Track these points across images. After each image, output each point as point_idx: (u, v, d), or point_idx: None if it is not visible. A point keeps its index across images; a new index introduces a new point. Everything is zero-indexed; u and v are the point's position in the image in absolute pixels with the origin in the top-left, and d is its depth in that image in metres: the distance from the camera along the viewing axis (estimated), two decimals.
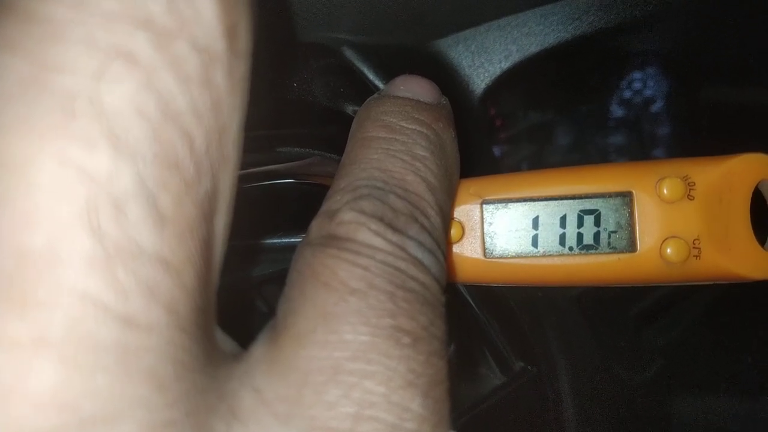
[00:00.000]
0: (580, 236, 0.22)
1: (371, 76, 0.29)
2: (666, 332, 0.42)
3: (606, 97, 0.45)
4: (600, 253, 0.22)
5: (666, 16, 0.33)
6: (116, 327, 0.11)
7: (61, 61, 0.11)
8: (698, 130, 0.44)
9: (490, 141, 0.42)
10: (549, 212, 0.22)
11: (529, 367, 0.32)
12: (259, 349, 0.14)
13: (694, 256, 0.21)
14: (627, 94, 0.45)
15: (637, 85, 0.45)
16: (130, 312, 0.11)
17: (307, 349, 0.14)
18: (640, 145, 0.46)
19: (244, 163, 0.15)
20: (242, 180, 0.23)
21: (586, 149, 0.46)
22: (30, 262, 0.10)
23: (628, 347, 0.38)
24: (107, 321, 0.11)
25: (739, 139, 0.23)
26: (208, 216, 0.13)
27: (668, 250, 0.21)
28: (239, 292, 0.26)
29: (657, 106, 0.45)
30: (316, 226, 0.16)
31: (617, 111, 0.45)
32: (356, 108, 0.27)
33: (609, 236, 0.22)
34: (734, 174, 0.21)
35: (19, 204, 0.10)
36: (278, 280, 0.16)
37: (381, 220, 0.16)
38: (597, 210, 0.22)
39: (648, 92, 0.45)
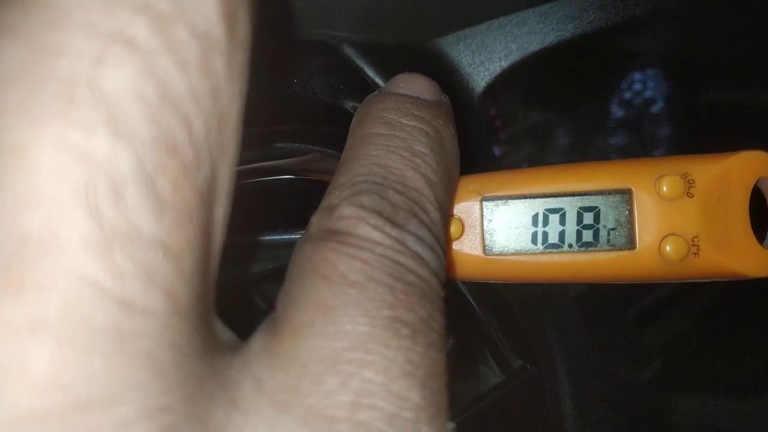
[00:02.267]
0: (579, 233, 0.22)
1: (371, 73, 0.29)
2: (665, 332, 0.42)
3: (606, 97, 0.45)
4: (599, 251, 0.22)
5: (665, 15, 0.33)
6: (113, 310, 0.11)
7: (60, 46, 0.11)
8: (698, 130, 0.44)
9: (489, 140, 0.42)
10: (548, 209, 0.22)
11: (528, 365, 0.32)
12: (258, 341, 0.14)
13: (693, 253, 0.21)
14: (627, 94, 0.45)
15: (637, 86, 0.45)
16: (127, 295, 0.11)
17: (306, 341, 0.14)
18: (640, 145, 0.46)
19: (244, 159, 0.15)
20: (242, 176, 0.23)
21: (585, 149, 0.46)
22: (28, 244, 0.10)
23: (627, 347, 0.38)
24: (104, 304, 0.11)
25: (738, 137, 0.23)
26: (207, 203, 0.13)
27: (667, 248, 0.21)
28: (238, 288, 0.26)
29: (657, 107, 0.45)
30: (316, 221, 0.16)
31: (617, 111, 0.45)
32: (356, 105, 0.27)
33: (608, 233, 0.22)
34: (733, 171, 0.21)
35: (18, 187, 0.10)
36: (277, 276, 0.16)
37: (380, 214, 0.16)
38: (596, 207, 0.22)
39: (648, 93, 0.45)
